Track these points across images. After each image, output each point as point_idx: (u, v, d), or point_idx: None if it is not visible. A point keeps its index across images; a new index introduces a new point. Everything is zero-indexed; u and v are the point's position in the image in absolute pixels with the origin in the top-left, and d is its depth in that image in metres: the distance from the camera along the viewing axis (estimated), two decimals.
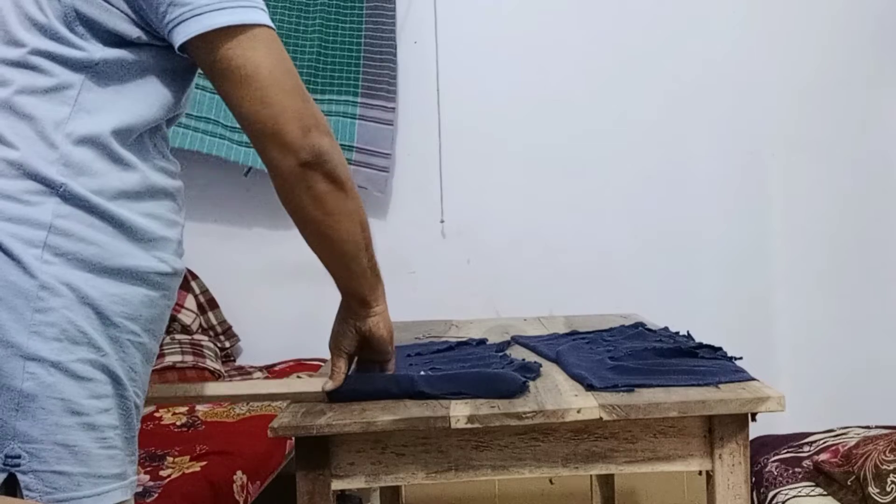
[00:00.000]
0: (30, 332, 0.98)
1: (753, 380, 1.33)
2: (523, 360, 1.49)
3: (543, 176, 2.98)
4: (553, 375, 1.43)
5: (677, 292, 2.94)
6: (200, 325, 2.85)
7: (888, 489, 1.61)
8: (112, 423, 1.04)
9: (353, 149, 2.87)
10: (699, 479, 2.60)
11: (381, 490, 2.40)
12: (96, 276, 1.02)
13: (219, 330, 2.92)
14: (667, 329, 1.77)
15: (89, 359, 1.01)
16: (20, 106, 1.03)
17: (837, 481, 1.73)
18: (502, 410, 1.22)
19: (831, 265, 2.97)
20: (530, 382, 1.35)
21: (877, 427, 2.04)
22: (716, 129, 2.98)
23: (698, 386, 1.30)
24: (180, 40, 1.05)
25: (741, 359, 1.43)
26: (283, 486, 1.99)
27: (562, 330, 1.89)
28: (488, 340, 1.77)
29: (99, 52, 1.05)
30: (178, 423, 2.22)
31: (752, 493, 1.45)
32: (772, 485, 1.85)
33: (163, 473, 1.83)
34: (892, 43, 2.96)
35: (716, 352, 1.47)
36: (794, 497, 1.77)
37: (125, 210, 1.05)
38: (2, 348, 0.98)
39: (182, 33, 1.04)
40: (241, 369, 2.79)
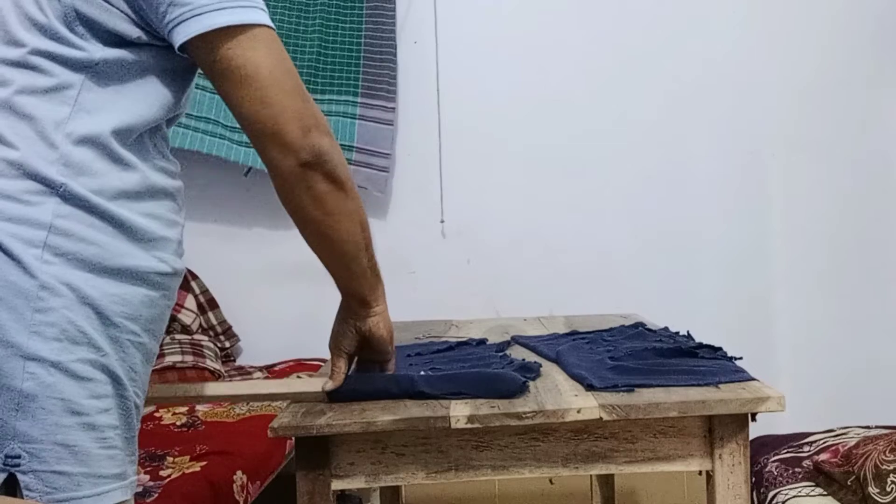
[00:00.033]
0: (30, 332, 0.98)
1: (753, 380, 1.33)
2: (523, 360, 1.49)
3: (543, 176, 2.98)
4: (553, 375, 1.43)
5: (677, 292, 2.94)
6: (200, 325, 2.85)
7: (888, 489, 1.61)
8: (112, 423, 1.04)
9: (353, 149, 2.87)
10: (699, 479, 2.60)
11: (381, 490, 2.40)
12: (96, 276, 1.02)
13: (219, 330, 2.92)
14: (667, 329, 1.77)
15: (89, 359, 1.01)
16: (20, 106, 1.03)
17: (837, 481, 1.73)
18: (502, 410, 1.22)
19: (831, 265, 2.97)
20: (530, 382, 1.35)
21: (877, 427, 2.04)
22: (716, 129, 2.98)
23: (698, 386, 1.30)
24: (180, 40, 1.05)
25: (741, 359, 1.43)
26: (283, 486, 1.99)
27: (562, 330, 1.89)
28: (488, 340, 1.77)
29: (99, 52, 1.05)
30: (178, 423, 2.22)
31: (752, 493, 1.45)
32: (772, 485, 1.85)
33: (163, 473, 1.83)
34: (892, 43, 2.96)
35: (716, 352, 1.47)
36: (794, 497, 1.77)
37: (125, 210, 1.05)
38: (2, 348, 0.98)
39: (182, 33, 1.04)
40: (241, 369, 2.79)
